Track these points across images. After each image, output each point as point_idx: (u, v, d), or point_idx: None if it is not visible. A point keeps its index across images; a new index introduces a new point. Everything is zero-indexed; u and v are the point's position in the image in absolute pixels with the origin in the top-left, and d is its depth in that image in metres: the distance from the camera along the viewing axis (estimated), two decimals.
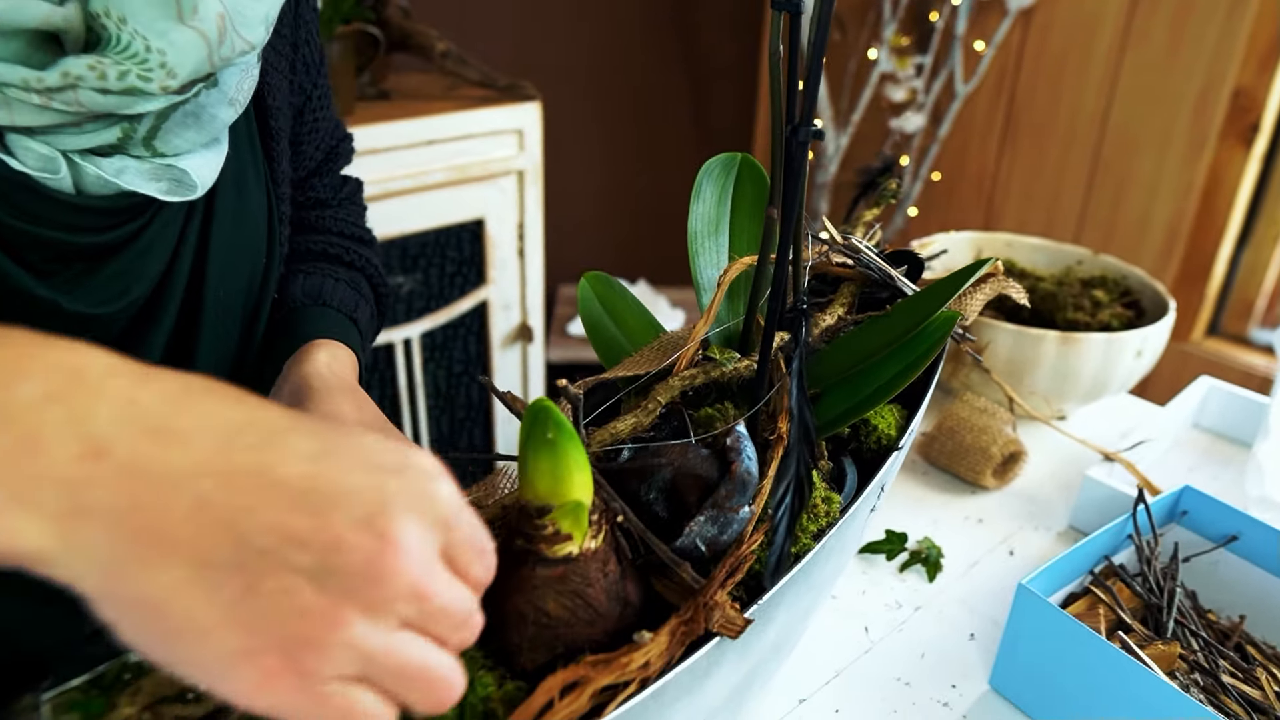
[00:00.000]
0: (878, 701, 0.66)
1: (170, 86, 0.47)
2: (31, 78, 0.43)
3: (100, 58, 0.45)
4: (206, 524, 0.29)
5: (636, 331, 0.64)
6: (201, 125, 0.53)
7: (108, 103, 0.46)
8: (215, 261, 0.62)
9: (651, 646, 0.41)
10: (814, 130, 0.46)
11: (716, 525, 0.46)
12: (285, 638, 0.29)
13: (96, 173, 0.49)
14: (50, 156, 0.48)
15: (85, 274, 0.54)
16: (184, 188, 0.53)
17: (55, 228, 0.50)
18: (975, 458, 0.89)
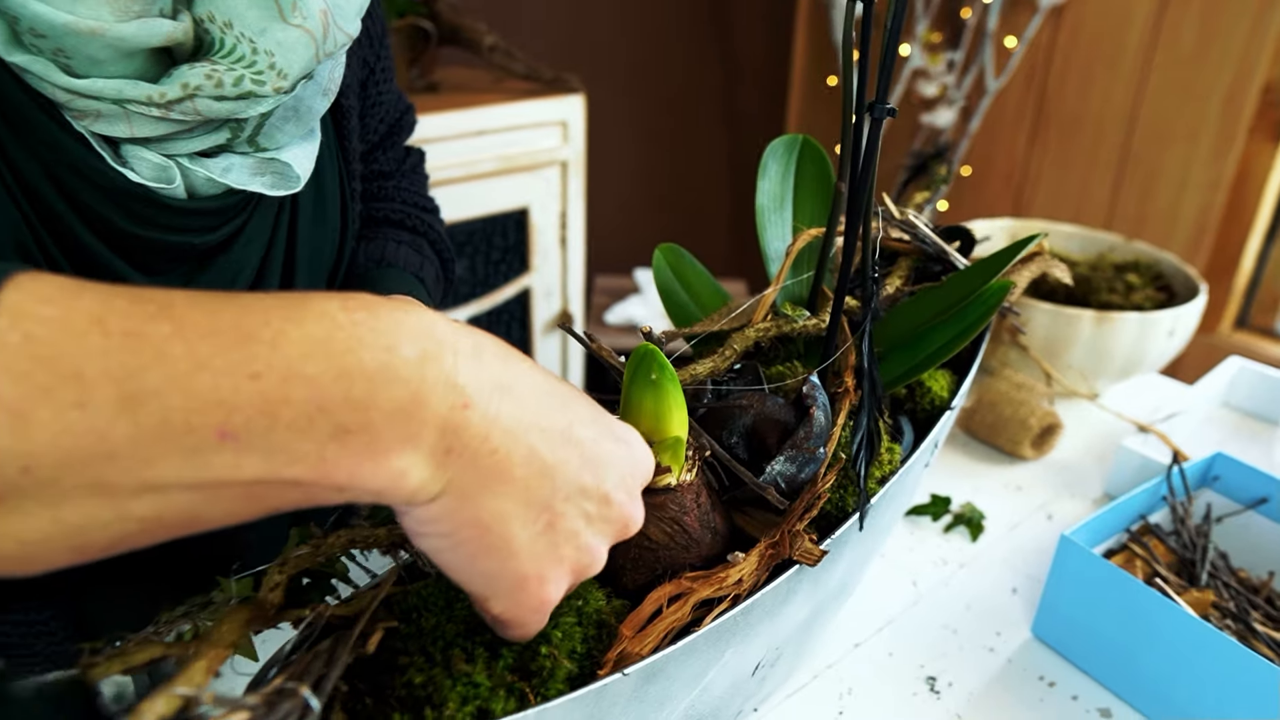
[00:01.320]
0: (926, 647, 0.70)
1: (283, 87, 0.50)
2: (155, 93, 0.46)
3: (214, 65, 0.47)
4: (535, 470, 0.35)
5: (705, 298, 0.69)
6: (300, 118, 0.56)
7: (223, 109, 0.48)
8: (303, 245, 0.65)
9: (744, 565, 0.46)
10: (888, 108, 0.51)
11: (795, 464, 0.51)
12: (563, 564, 0.38)
13: (206, 175, 0.52)
14: (164, 165, 0.50)
15: (196, 271, 0.58)
16: (287, 181, 0.56)
17: (169, 231, 0.53)
18: (1014, 429, 0.93)
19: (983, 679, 0.67)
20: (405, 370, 0.32)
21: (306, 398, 0.30)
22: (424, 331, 0.33)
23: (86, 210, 0.50)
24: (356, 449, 0.31)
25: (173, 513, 0.31)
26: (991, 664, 0.69)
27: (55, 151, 0.48)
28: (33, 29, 0.42)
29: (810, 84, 2.67)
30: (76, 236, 0.51)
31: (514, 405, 0.35)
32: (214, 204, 0.54)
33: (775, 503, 0.51)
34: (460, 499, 0.34)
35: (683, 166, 2.72)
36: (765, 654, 0.54)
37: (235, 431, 0.30)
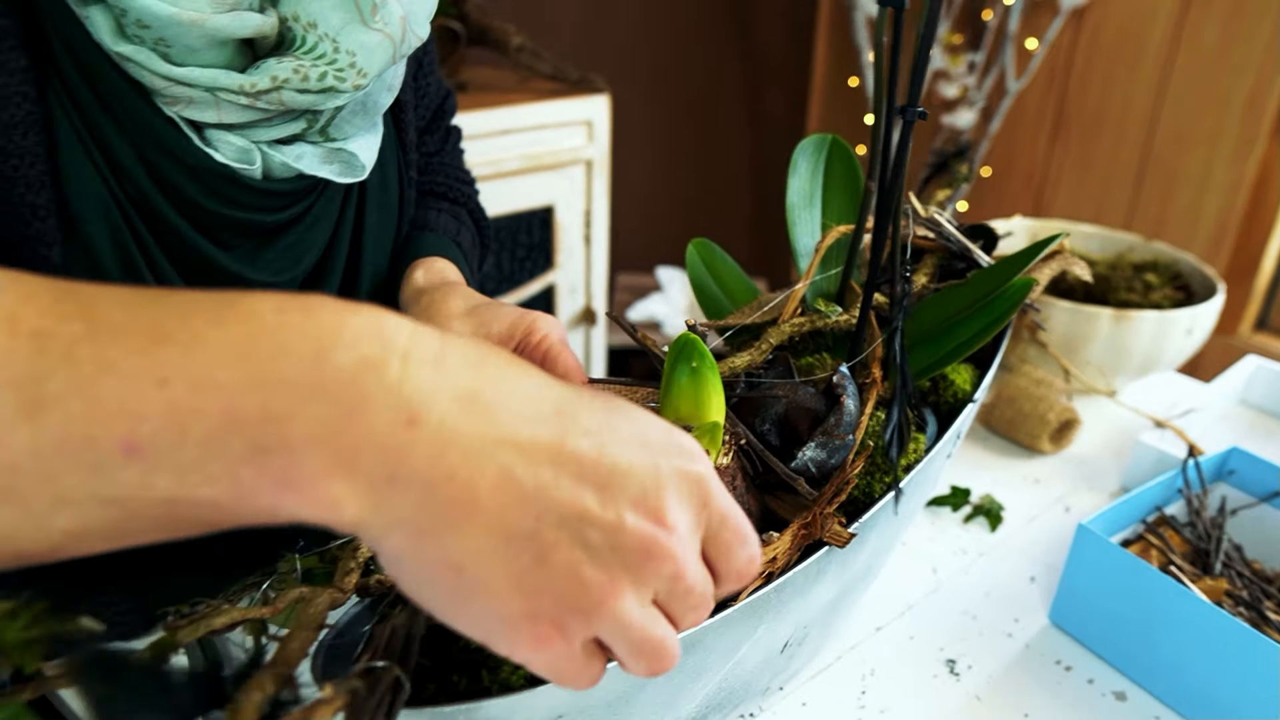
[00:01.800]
0: (946, 631, 0.73)
1: (362, 84, 0.54)
2: (246, 83, 0.50)
3: (300, 61, 0.51)
4: (510, 496, 0.29)
5: (736, 291, 0.72)
6: (367, 112, 0.60)
7: (305, 100, 0.53)
8: (369, 231, 0.69)
9: (778, 544, 0.49)
10: (919, 111, 0.53)
11: (825, 450, 0.54)
12: (563, 606, 0.31)
13: (282, 160, 0.56)
14: (246, 149, 0.55)
15: (261, 247, 0.62)
16: (353, 169, 0.60)
17: (244, 209, 0.58)
18: (1033, 424, 0.96)
19: (1001, 663, 0.70)
20: (336, 379, 0.28)
21: (219, 409, 0.27)
22: (368, 334, 0.29)
23: (172, 189, 0.55)
24: (274, 473, 0.28)
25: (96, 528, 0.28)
26: (1010, 648, 0.71)
27: (148, 134, 0.52)
28: (139, 20, 0.46)
29: (831, 85, 2.69)
30: (162, 214, 0.55)
31: (480, 419, 0.29)
32: (286, 186, 0.59)
33: (804, 494, 0.54)
34: (419, 537, 0.29)
35: (704, 167, 2.75)
36: (794, 632, 0.56)
37: (141, 445, 0.27)
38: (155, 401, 0.27)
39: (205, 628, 0.40)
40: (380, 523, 0.29)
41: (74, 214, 0.52)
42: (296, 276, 0.65)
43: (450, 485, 0.28)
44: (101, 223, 0.53)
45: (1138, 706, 0.66)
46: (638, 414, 0.34)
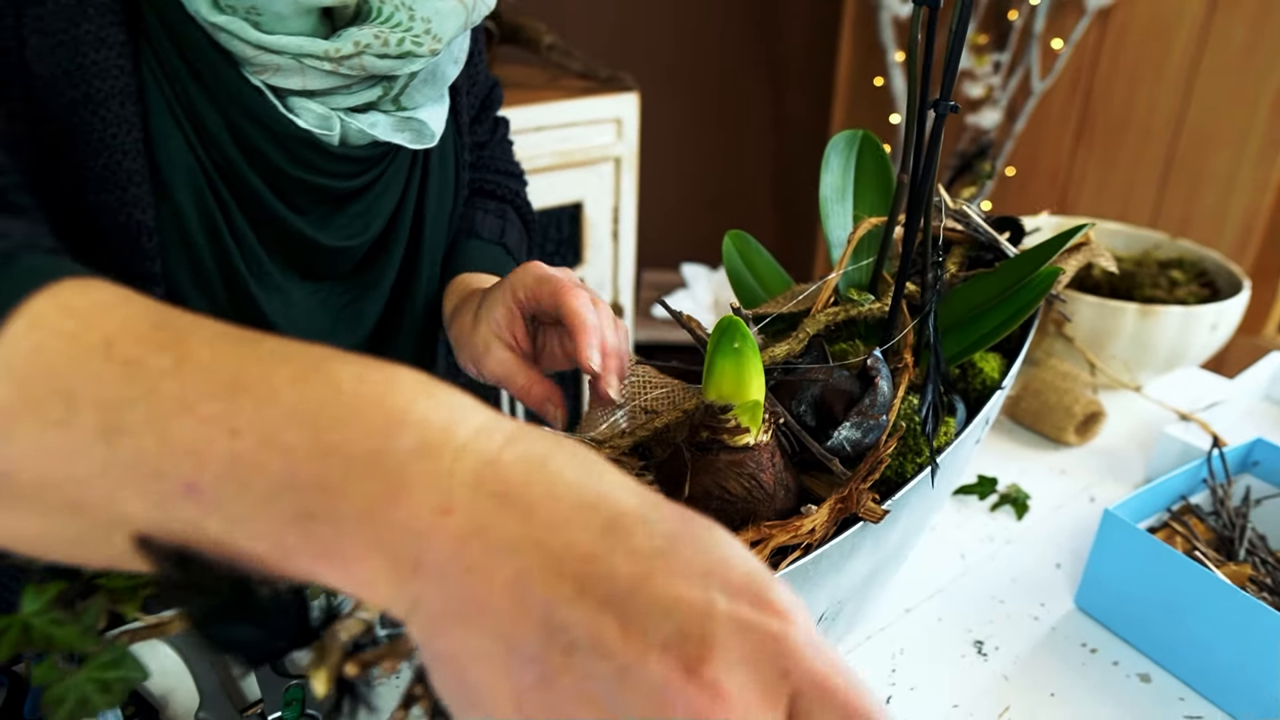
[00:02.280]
0: (974, 614, 0.74)
1: (436, 49, 0.58)
2: (331, 48, 0.54)
3: (381, 28, 0.55)
4: (520, 600, 0.26)
5: (771, 282, 0.74)
6: (435, 82, 0.64)
7: (384, 65, 0.56)
8: (430, 202, 0.73)
9: (816, 516, 0.51)
10: (951, 104, 0.55)
11: (860, 430, 0.56)
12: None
13: (358, 127, 0.60)
14: (326, 115, 0.59)
15: (333, 212, 0.66)
16: (423, 137, 0.64)
17: (321, 174, 0.62)
18: (1059, 416, 0.97)
19: (1028, 644, 0.72)
20: (393, 459, 0.28)
21: (281, 470, 0.27)
22: (436, 420, 0.29)
23: (256, 155, 0.58)
24: (317, 542, 0.28)
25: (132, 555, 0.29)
26: (1036, 631, 0.73)
27: (236, 102, 0.56)
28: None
29: (855, 85, 2.71)
30: (245, 179, 0.59)
31: (514, 519, 0.27)
32: (360, 153, 0.62)
33: (839, 472, 0.56)
34: (432, 625, 0.27)
35: (728, 165, 2.77)
36: (829, 606, 0.59)
37: (202, 489, 0.28)
38: (223, 450, 0.28)
39: None
40: (404, 606, 0.28)
41: (165, 179, 0.55)
42: (365, 242, 0.69)
43: (467, 578, 0.27)
44: (188, 188, 0.57)
45: (1162, 688, 0.68)
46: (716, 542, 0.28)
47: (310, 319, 0.69)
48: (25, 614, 0.32)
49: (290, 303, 0.67)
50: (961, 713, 0.65)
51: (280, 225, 0.62)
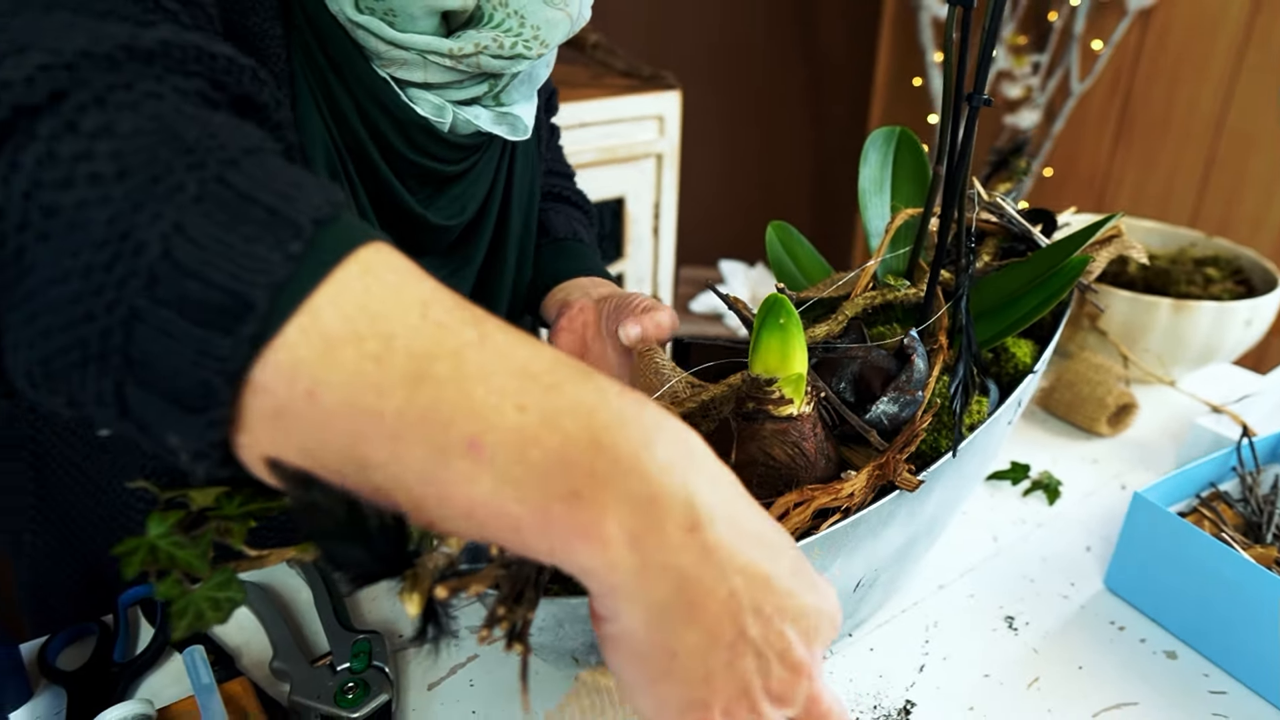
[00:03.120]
0: (1005, 592, 0.77)
1: (543, 53, 0.66)
2: (454, 47, 0.62)
3: (498, 32, 0.62)
4: (730, 610, 0.34)
5: (811, 270, 0.78)
6: (530, 83, 0.72)
7: (497, 64, 0.64)
8: (517, 188, 0.81)
9: (856, 480, 0.54)
10: (984, 98, 0.58)
11: (897, 404, 0.59)
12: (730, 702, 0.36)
13: (465, 118, 0.68)
14: (441, 105, 0.67)
15: (436, 194, 0.74)
16: (517, 130, 0.72)
17: (431, 158, 0.70)
18: (1091, 407, 0.99)
19: (1058, 621, 0.74)
20: (652, 469, 0.32)
21: (556, 449, 0.32)
22: (679, 442, 0.34)
23: (381, 139, 0.67)
24: (578, 519, 0.32)
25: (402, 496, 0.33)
26: (1066, 609, 0.76)
27: (368, 91, 0.64)
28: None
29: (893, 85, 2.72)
30: (370, 159, 0.67)
31: (732, 543, 0.34)
32: (465, 140, 0.71)
33: (876, 444, 0.59)
34: (656, 619, 0.34)
35: (766, 164, 2.79)
36: (866, 573, 0.62)
37: (483, 446, 0.31)
38: (510, 419, 0.31)
39: None
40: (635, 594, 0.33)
41: (309, 156, 0.64)
42: (461, 222, 0.77)
43: (696, 586, 0.33)
44: (324, 165, 0.65)
45: (1187, 664, 0.70)
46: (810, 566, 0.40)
47: None
48: (151, 537, 0.37)
49: None
50: (992, 682, 0.68)
51: (394, 201, 0.70)
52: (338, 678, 0.64)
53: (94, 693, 0.64)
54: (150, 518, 0.37)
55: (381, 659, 0.65)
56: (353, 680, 0.63)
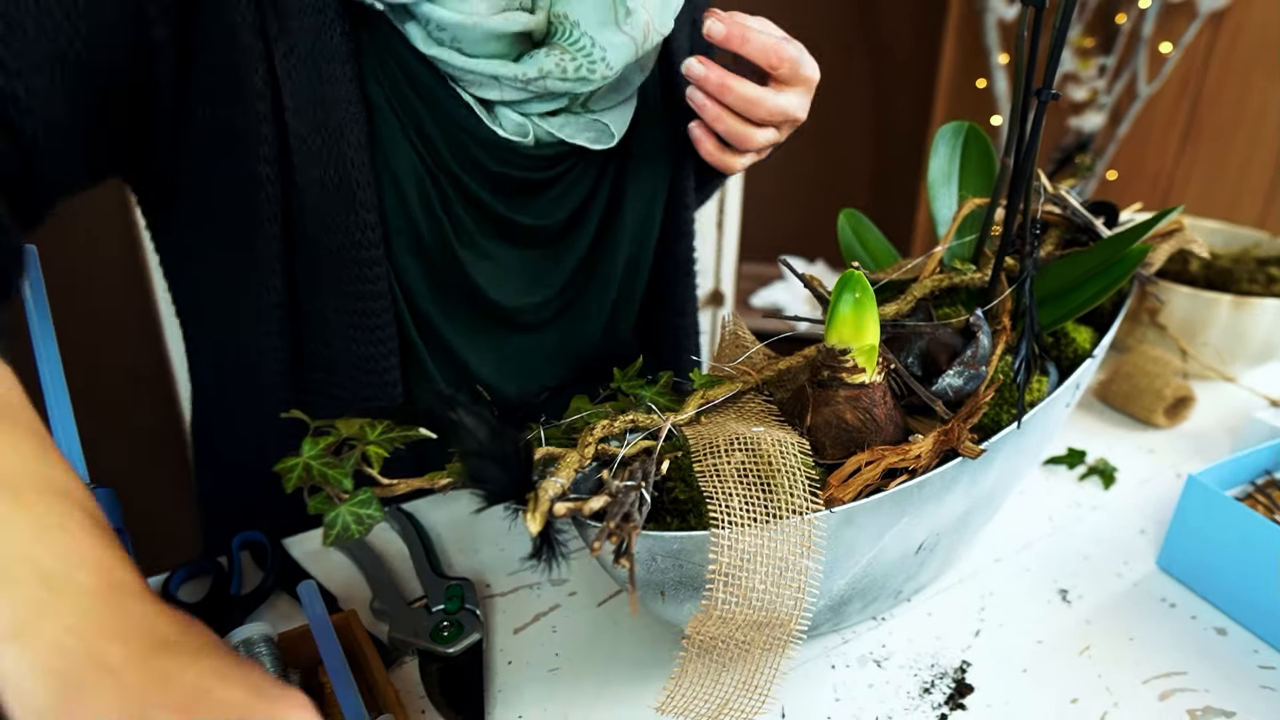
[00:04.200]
0: (1060, 568, 0.81)
1: (609, 76, 0.69)
2: (519, 72, 0.66)
3: (563, 54, 0.66)
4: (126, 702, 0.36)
5: (880, 255, 0.82)
6: (620, 89, 0.76)
7: (563, 87, 0.68)
8: (631, 183, 0.83)
9: (923, 444, 0.58)
10: (1053, 93, 0.62)
11: (961, 378, 0.63)
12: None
13: (548, 129, 0.72)
14: (522, 123, 0.71)
15: (531, 198, 0.78)
16: (605, 136, 0.75)
17: (518, 169, 0.74)
18: (1148, 398, 1.02)
19: (1110, 596, 0.77)
20: None
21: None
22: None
23: (465, 156, 0.72)
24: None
25: None
26: (1119, 586, 0.79)
27: (451, 116, 0.69)
28: (438, 25, 0.62)
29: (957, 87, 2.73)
30: (456, 175, 0.72)
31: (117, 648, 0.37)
32: (551, 151, 0.75)
33: (941, 413, 0.63)
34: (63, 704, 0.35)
35: (827, 163, 2.82)
36: (928, 536, 0.66)
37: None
38: None
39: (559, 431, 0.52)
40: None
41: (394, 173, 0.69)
42: (558, 221, 0.81)
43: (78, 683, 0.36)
44: (412, 180, 0.70)
45: (1237, 640, 0.73)
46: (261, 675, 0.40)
47: (509, 277, 0.82)
48: (305, 457, 0.42)
49: (495, 264, 0.80)
50: (1045, 648, 0.71)
51: (485, 208, 0.75)
52: (433, 617, 0.69)
53: (212, 623, 0.70)
54: (304, 441, 0.43)
55: (472, 603, 0.71)
56: (447, 620, 0.69)
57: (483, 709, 0.63)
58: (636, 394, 0.60)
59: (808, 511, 0.52)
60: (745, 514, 0.51)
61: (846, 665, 0.69)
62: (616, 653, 0.69)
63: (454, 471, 0.48)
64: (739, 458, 0.53)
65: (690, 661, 0.52)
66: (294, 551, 0.80)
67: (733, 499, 0.51)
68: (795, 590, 0.51)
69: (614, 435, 0.54)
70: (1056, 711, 0.66)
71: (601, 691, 0.66)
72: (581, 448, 0.48)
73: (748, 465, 0.53)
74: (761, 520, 0.51)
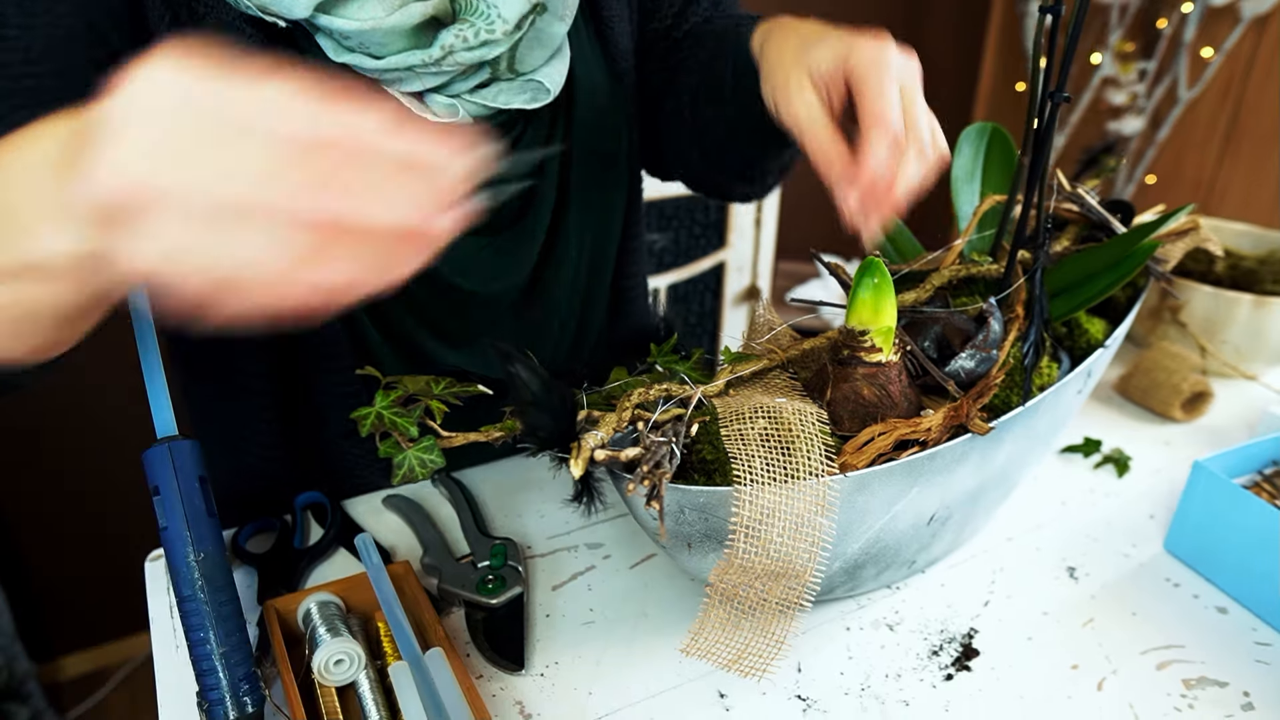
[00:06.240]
0: (1069, 547, 0.85)
1: (508, 29, 0.68)
2: (426, 56, 0.67)
3: (461, 26, 0.67)
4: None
5: (904, 248, 0.86)
6: (543, 43, 0.74)
7: (473, 56, 0.68)
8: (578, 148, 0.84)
9: (934, 418, 0.63)
10: (1064, 95, 0.67)
11: (974, 360, 0.68)
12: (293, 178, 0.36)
13: (481, 103, 0.72)
14: (450, 104, 0.72)
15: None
16: (542, 93, 0.74)
17: None
18: (1165, 392, 1.05)
19: (1116, 574, 0.82)
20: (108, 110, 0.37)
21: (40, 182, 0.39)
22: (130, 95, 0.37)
23: None
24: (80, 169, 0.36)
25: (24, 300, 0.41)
26: (1125, 565, 0.83)
27: None
28: (342, 34, 0.64)
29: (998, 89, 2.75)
30: None
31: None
32: (494, 124, 0.75)
33: (954, 392, 0.68)
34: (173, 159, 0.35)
35: None
36: (939, 509, 0.71)
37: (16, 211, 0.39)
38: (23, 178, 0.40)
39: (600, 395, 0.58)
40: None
41: None
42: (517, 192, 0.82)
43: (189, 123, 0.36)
44: None
45: (1237, 619, 0.77)
46: None
47: (478, 266, 0.84)
48: (377, 407, 0.48)
49: (460, 254, 0.82)
50: (1050, 619, 0.76)
51: None
52: (479, 572, 0.75)
53: (279, 573, 0.77)
54: (377, 394, 0.49)
55: (515, 560, 0.77)
56: (492, 575, 0.75)
57: (522, 655, 0.69)
58: (671, 368, 0.65)
59: (823, 475, 0.57)
60: (766, 474, 0.57)
61: (860, 628, 0.74)
62: (646, 610, 0.75)
63: (505, 426, 0.54)
64: (762, 424, 0.58)
65: (713, 608, 0.58)
66: (351, 512, 0.86)
67: (755, 460, 0.56)
68: (810, 544, 0.56)
69: (649, 402, 0.60)
70: (1057, 676, 0.70)
71: (632, 642, 0.71)
72: (620, 410, 0.53)
73: (770, 431, 0.58)
74: (780, 480, 0.57)
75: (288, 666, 0.62)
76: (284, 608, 0.69)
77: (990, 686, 0.69)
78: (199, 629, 0.61)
